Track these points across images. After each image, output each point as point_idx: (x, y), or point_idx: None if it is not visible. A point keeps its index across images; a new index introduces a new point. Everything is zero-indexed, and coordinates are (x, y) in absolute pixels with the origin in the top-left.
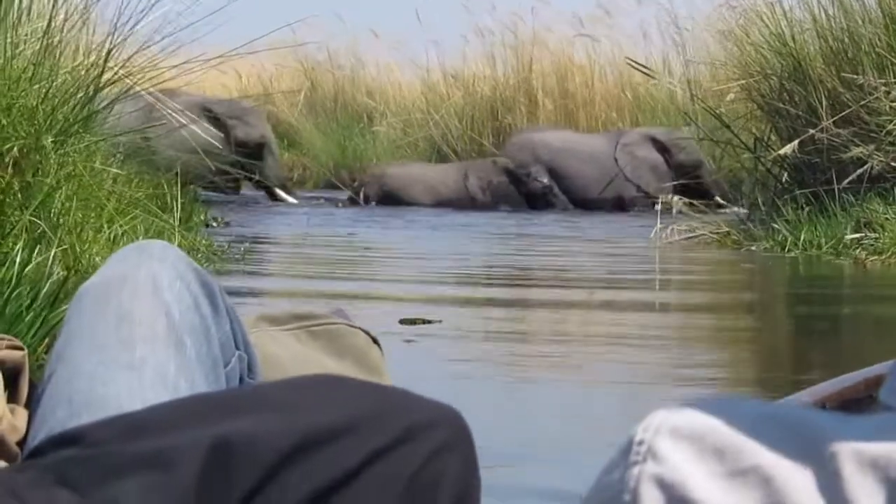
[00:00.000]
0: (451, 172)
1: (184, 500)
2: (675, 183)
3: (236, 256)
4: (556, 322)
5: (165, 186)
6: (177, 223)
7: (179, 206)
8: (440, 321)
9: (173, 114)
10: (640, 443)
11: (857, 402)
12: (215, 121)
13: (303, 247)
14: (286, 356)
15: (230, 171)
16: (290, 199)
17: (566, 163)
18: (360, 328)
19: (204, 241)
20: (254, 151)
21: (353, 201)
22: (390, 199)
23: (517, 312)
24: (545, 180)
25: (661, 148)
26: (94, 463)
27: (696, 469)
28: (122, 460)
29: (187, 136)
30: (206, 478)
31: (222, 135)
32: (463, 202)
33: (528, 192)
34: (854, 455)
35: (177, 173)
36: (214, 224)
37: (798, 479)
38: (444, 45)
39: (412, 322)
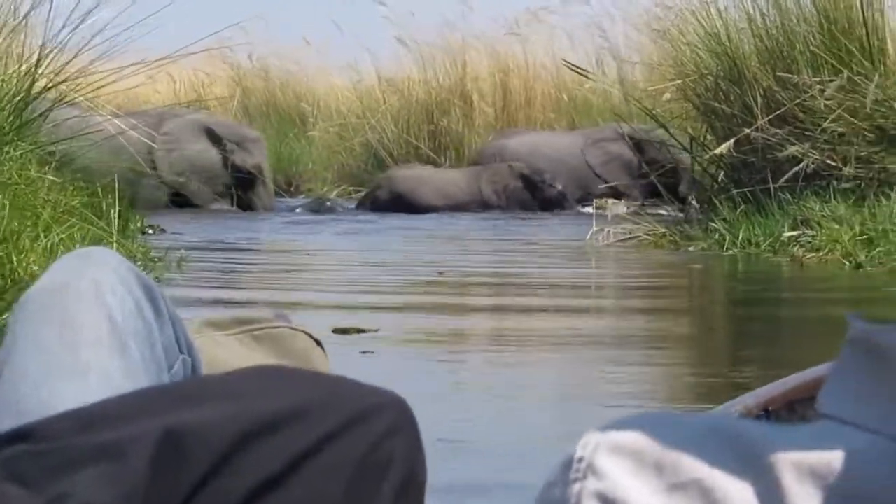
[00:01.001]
0: (464, 176)
1: (135, 490)
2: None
3: (172, 264)
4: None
5: (101, 194)
6: (114, 231)
7: (116, 213)
8: (376, 330)
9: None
10: (580, 460)
11: (803, 404)
12: (217, 141)
13: (245, 254)
14: (230, 360)
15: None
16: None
17: (538, 166)
18: (303, 331)
19: (141, 249)
20: (247, 179)
21: (362, 205)
22: (401, 204)
23: (454, 320)
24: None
25: (636, 145)
26: (45, 458)
27: (636, 484)
28: (73, 454)
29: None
30: (157, 467)
31: (220, 156)
32: (476, 206)
33: (543, 198)
34: (793, 465)
35: (113, 180)
36: (150, 231)
37: (738, 491)
38: (378, 50)
39: (345, 331)
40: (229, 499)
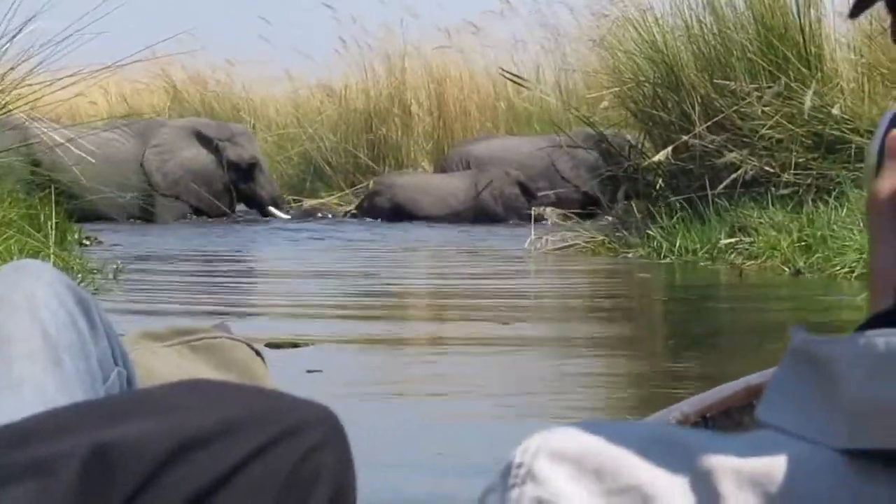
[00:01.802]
0: (462, 184)
1: None
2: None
3: (109, 276)
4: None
5: (38, 206)
6: (51, 243)
7: (54, 225)
8: (311, 344)
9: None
10: (519, 465)
11: (739, 411)
12: (208, 143)
13: (187, 265)
14: (167, 371)
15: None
16: (282, 216)
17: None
18: (242, 341)
19: (78, 260)
20: (246, 172)
21: (362, 211)
22: (400, 212)
23: (394, 328)
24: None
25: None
26: None
27: (575, 489)
28: (2, 471)
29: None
30: (86, 483)
31: (214, 157)
32: (475, 215)
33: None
34: (732, 472)
35: (49, 192)
36: (87, 243)
37: (677, 498)
38: (315, 58)
39: (278, 346)
40: None
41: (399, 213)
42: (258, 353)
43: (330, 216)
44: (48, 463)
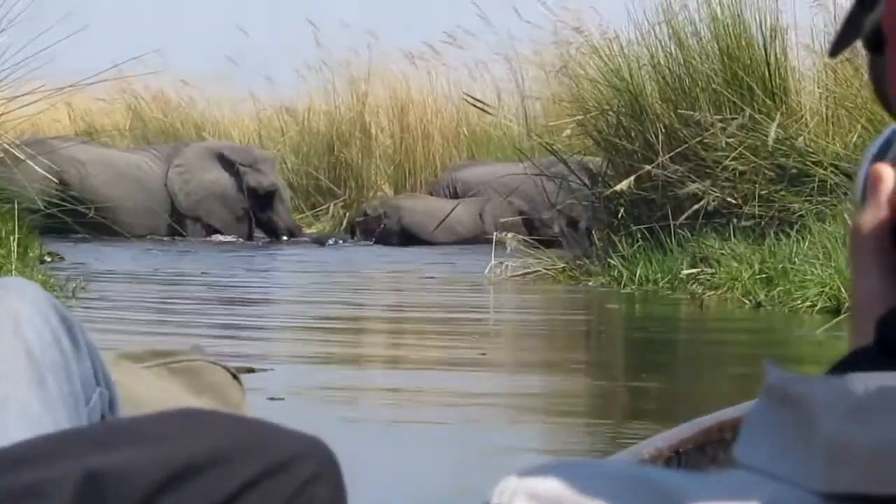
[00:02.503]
0: (467, 210)
1: None
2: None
3: (67, 294)
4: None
5: (1, 221)
6: (13, 258)
7: (16, 241)
8: (271, 370)
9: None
10: None
11: (713, 446)
12: (230, 166)
13: (148, 284)
14: (147, 393)
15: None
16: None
17: (491, 196)
18: (220, 365)
19: (40, 277)
20: (264, 199)
21: (367, 234)
22: (408, 236)
23: (352, 346)
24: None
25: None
26: None
27: None
28: None
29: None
30: None
31: (235, 181)
32: (477, 240)
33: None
34: None
35: (11, 207)
36: (48, 259)
37: None
38: (279, 80)
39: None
40: None
41: (408, 237)
42: (236, 377)
43: (341, 241)
44: (41, 488)
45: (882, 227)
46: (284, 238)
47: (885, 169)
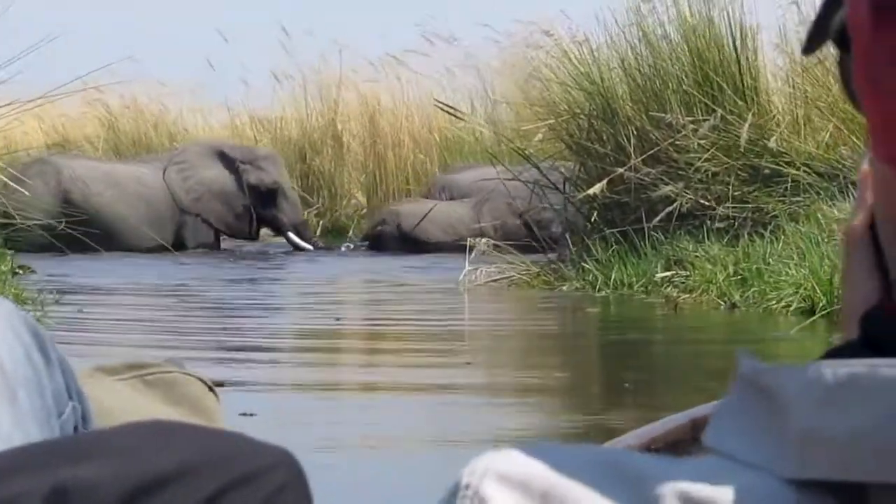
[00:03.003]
0: (467, 211)
1: None
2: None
3: (39, 307)
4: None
5: None
6: None
7: None
8: (242, 385)
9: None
10: (467, 486)
11: (685, 444)
12: (230, 164)
13: (124, 298)
14: (121, 406)
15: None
16: (304, 245)
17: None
18: (195, 376)
19: (13, 290)
20: (266, 196)
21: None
22: (408, 241)
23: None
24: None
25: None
26: None
27: None
28: None
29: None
30: None
31: (234, 178)
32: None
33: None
34: (680, 497)
35: None
36: (20, 272)
37: None
38: (252, 88)
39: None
40: None
41: (407, 242)
42: (211, 389)
43: (343, 248)
44: (8, 502)
45: (868, 228)
46: (296, 240)
47: None
